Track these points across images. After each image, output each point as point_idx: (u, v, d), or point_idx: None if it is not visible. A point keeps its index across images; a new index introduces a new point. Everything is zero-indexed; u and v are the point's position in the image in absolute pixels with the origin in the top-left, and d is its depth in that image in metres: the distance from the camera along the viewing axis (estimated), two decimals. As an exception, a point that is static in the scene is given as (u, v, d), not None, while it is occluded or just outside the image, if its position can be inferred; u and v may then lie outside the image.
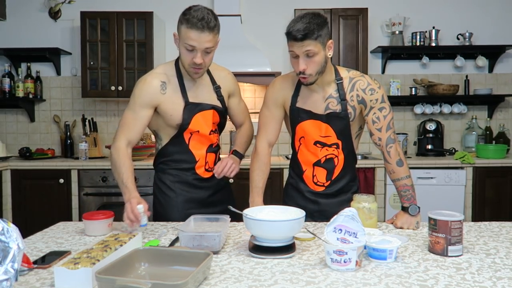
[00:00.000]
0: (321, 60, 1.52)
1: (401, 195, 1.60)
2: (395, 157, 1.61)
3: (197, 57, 1.55)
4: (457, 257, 1.20)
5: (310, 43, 1.47)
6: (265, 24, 3.79)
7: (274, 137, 1.77)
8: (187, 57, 1.57)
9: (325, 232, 1.15)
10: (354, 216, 1.14)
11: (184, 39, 1.54)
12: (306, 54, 1.49)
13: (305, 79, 1.55)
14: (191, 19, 1.51)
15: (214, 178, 1.78)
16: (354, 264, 1.09)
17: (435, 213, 1.24)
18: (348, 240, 1.12)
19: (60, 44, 3.83)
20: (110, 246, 1.12)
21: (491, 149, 3.40)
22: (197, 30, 1.51)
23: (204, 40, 1.53)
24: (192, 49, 1.54)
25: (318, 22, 1.48)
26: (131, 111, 1.65)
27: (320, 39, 1.49)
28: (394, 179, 1.62)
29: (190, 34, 1.52)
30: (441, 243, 1.21)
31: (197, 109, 1.67)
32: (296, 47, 1.49)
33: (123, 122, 1.66)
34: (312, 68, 1.52)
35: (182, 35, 1.54)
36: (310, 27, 1.46)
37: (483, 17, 3.84)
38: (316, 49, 1.49)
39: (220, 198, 1.81)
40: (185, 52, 1.56)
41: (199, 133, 1.69)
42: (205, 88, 1.73)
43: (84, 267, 0.99)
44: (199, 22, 1.50)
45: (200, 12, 1.52)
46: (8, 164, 3.24)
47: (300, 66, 1.51)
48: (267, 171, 1.73)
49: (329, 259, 1.11)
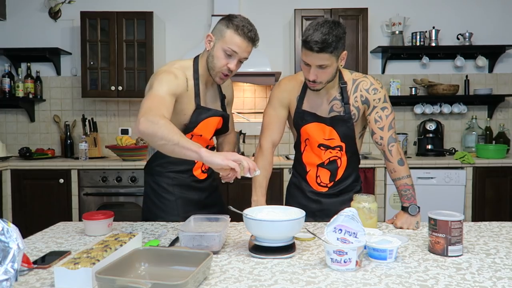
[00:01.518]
0: (332, 71, 1.53)
1: (401, 195, 1.60)
2: (396, 156, 1.62)
3: (233, 63, 1.57)
4: (457, 257, 1.20)
5: (325, 56, 1.46)
6: (265, 24, 3.79)
7: (278, 137, 1.76)
8: (222, 60, 1.57)
9: (325, 232, 1.15)
10: (354, 216, 1.14)
11: (228, 43, 1.54)
12: (319, 66, 1.48)
13: (314, 86, 1.56)
14: (242, 27, 1.53)
15: (208, 180, 1.79)
16: (354, 264, 1.09)
17: (435, 213, 1.24)
18: (348, 240, 1.12)
19: (60, 44, 3.83)
20: (110, 246, 1.12)
21: (491, 149, 3.40)
22: (245, 39, 1.54)
23: (247, 50, 1.56)
24: (232, 54, 1.55)
25: (337, 33, 1.44)
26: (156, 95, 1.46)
27: (336, 52, 1.47)
28: (395, 178, 1.63)
29: (237, 41, 1.53)
30: (441, 243, 1.21)
31: (207, 114, 1.66)
32: (310, 58, 1.47)
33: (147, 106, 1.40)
34: (323, 78, 1.52)
35: (227, 39, 1.54)
36: (328, 40, 1.42)
37: (483, 17, 3.84)
38: (329, 62, 1.48)
39: (214, 199, 1.83)
40: (223, 56, 1.56)
41: (202, 137, 1.69)
42: (214, 95, 1.74)
43: (84, 267, 0.99)
44: (249, 32, 1.54)
45: (247, 22, 1.56)
46: (8, 164, 3.24)
47: (311, 76, 1.51)
48: (270, 170, 1.72)
49: (329, 259, 1.11)
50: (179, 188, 1.72)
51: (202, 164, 1.74)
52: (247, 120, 3.84)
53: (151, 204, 1.75)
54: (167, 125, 1.32)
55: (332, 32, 1.43)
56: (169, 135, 1.29)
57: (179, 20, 3.87)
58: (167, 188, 1.71)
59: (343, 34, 1.47)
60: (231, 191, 3.18)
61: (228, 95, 1.83)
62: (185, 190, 1.73)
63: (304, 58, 1.50)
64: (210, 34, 1.61)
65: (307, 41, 1.44)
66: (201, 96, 1.66)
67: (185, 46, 3.80)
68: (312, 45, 1.43)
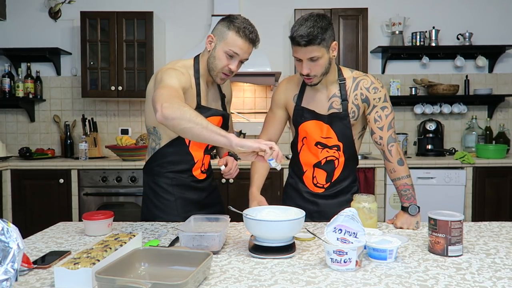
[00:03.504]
0: (325, 63, 1.54)
1: (401, 195, 1.60)
2: (396, 156, 1.62)
3: (234, 64, 1.59)
4: (457, 257, 1.20)
5: (314, 48, 1.48)
6: (265, 24, 3.78)
7: (275, 138, 1.78)
8: (223, 61, 1.58)
9: (325, 232, 1.15)
10: (354, 216, 1.14)
11: (230, 45, 1.55)
12: (310, 58, 1.50)
13: (309, 80, 1.58)
14: (243, 29, 1.55)
15: (207, 180, 1.80)
16: (354, 264, 1.09)
17: (435, 213, 1.24)
18: (348, 240, 1.12)
19: (60, 44, 3.83)
20: (110, 246, 1.12)
21: (491, 149, 3.40)
22: (247, 41, 1.56)
23: (248, 51, 1.59)
24: (233, 56, 1.57)
25: (322, 25, 1.47)
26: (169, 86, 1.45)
27: (324, 42, 1.49)
28: (395, 178, 1.62)
29: (239, 42, 1.55)
30: (441, 243, 1.21)
31: (208, 114, 1.65)
32: (300, 53, 1.50)
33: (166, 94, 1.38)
34: (316, 70, 1.54)
35: (229, 41, 1.55)
36: (313, 32, 1.45)
37: (483, 17, 3.84)
38: (320, 54, 1.50)
39: (213, 199, 1.83)
40: (224, 57, 1.57)
41: None
42: (214, 95, 1.75)
43: (84, 267, 0.99)
44: (251, 34, 1.56)
45: (248, 24, 1.58)
46: (8, 164, 3.24)
47: (304, 70, 1.54)
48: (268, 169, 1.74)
49: (329, 259, 1.11)
50: (178, 188, 1.72)
51: (202, 165, 1.74)
52: (247, 120, 3.84)
53: (151, 204, 1.74)
54: (192, 109, 1.31)
55: (317, 25, 1.46)
56: (197, 118, 1.27)
57: (179, 20, 3.87)
58: (167, 188, 1.71)
59: (329, 25, 1.50)
60: (231, 191, 3.18)
61: (227, 94, 1.84)
62: (184, 190, 1.72)
63: (295, 54, 1.53)
64: (211, 35, 1.61)
65: (294, 37, 1.48)
66: (202, 95, 1.66)
67: (185, 46, 3.80)
68: (298, 39, 1.46)
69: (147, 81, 3.50)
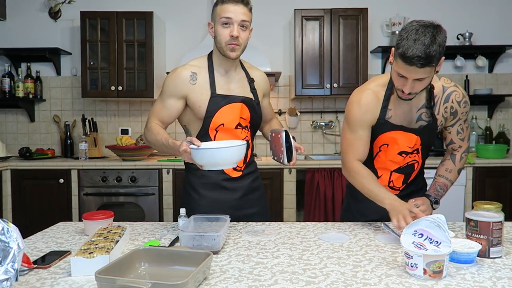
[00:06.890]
0: (429, 81, 1.40)
1: (435, 189, 1.65)
2: (461, 165, 1.69)
3: (234, 29, 1.56)
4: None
5: (427, 70, 1.31)
6: (265, 24, 3.79)
7: (364, 155, 1.61)
8: (224, 33, 1.57)
9: (404, 231, 1.11)
10: (441, 224, 1.06)
11: (219, 14, 1.57)
12: (417, 78, 1.35)
13: (408, 97, 1.44)
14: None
15: (244, 178, 1.72)
16: (422, 272, 1.03)
17: (472, 214, 1.22)
18: (424, 246, 1.06)
19: (60, 44, 3.83)
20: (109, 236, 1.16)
21: (491, 149, 3.40)
22: (232, 3, 1.56)
23: (240, 12, 1.56)
24: (228, 21, 1.56)
25: (440, 41, 1.28)
26: (159, 100, 1.66)
27: (437, 61, 1.31)
28: (443, 175, 1.68)
29: (226, 7, 1.56)
30: (482, 245, 1.17)
31: (224, 102, 1.63)
32: (409, 72, 1.33)
33: (152, 110, 1.66)
34: (418, 88, 1.40)
35: (218, 13, 1.57)
36: (431, 53, 1.26)
37: (483, 17, 3.84)
38: (430, 74, 1.35)
39: (250, 201, 1.74)
40: (222, 29, 1.57)
41: (224, 126, 1.63)
42: (238, 81, 1.71)
43: (100, 255, 1.05)
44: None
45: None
46: (8, 164, 3.24)
47: (407, 89, 1.38)
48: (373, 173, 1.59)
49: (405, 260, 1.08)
50: (206, 187, 1.67)
51: None
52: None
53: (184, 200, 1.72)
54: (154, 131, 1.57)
55: (435, 41, 1.27)
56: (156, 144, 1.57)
57: (179, 20, 3.87)
58: (195, 186, 1.69)
59: (445, 39, 1.31)
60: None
61: (260, 85, 1.78)
62: (213, 190, 1.67)
63: (401, 71, 1.34)
64: (209, 22, 1.65)
65: (407, 56, 1.28)
66: (220, 84, 1.65)
67: (185, 46, 3.80)
68: (414, 61, 1.27)
69: (147, 81, 3.54)
